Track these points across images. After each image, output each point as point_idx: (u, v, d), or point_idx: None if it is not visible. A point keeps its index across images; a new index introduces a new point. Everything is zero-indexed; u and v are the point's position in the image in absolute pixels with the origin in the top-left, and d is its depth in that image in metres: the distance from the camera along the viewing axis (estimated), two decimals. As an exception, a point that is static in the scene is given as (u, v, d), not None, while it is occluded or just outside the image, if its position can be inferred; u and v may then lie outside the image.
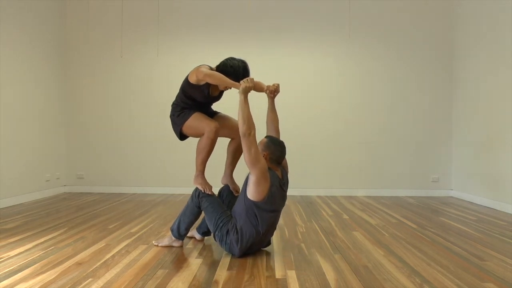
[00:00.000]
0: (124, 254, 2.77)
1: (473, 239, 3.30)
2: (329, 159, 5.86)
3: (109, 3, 5.89)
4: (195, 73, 2.86)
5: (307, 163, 5.80)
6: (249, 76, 2.87)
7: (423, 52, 5.84)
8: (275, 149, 2.73)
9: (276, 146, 2.75)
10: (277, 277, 2.36)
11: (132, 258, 2.70)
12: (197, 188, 2.93)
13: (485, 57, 5.06)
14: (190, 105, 3.00)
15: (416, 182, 5.83)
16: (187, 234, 3.06)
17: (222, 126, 3.01)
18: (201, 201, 2.86)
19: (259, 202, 2.62)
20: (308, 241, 3.20)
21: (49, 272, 2.39)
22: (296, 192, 5.72)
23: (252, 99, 2.71)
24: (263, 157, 2.64)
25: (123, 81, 5.91)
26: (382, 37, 5.86)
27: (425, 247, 3.03)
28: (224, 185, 3.16)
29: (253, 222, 2.66)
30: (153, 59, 5.86)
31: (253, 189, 2.60)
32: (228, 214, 2.79)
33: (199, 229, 3.14)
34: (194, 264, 2.59)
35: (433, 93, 5.85)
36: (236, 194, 3.06)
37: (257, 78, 2.92)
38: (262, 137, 2.82)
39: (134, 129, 5.89)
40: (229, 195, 3.07)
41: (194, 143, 3.03)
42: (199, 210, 2.90)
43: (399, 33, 5.85)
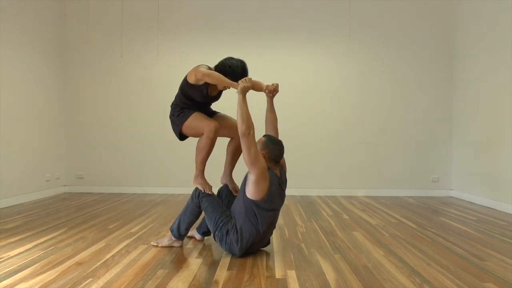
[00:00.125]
0: (124, 254, 2.78)
1: (473, 239, 3.30)
2: (329, 159, 5.86)
3: (109, 3, 5.89)
4: (193, 73, 2.86)
5: (307, 163, 5.80)
6: (247, 76, 2.87)
7: (423, 52, 5.84)
8: (273, 148, 2.74)
9: (275, 145, 2.76)
10: (277, 277, 2.36)
11: (132, 258, 2.70)
12: (197, 188, 2.93)
13: (485, 57, 5.07)
14: (189, 105, 3.01)
15: (416, 182, 5.83)
16: (187, 234, 3.06)
17: (221, 125, 3.01)
18: (201, 201, 2.86)
19: (258, 201, 2.63)
20: (308, 241, 3.21)
21: (49, 272, 2.39)
22: (296, 192, 5.72)
23: (251, 98, 2.71)
24: (261, 156, 2.64)
25: (123, 81, 5.91)
26: (382, 37, 5.86)
27: (425, 247, 3.03)
28: (223, 184, 3.16)
29: (253, 221, 2.66)
30: (153, 59, 5.86)
31: (252, 188, 2.61)
32: (228, 214, 2.79)
33: (199, 229, 3.15)
34: (194, 264, 2.59)
35: (433, 93, 5.85)
36: (235, 194, 3.06)
37: (257, 78, 2.92)
38: (260, 136, 2.82)
39: (134, 129, 5.89)
40: (229, 195, 3.07)
41: (194, 143, 3.03)
42: (199, 210, 2.90)
43: (399, 33, 5.85)
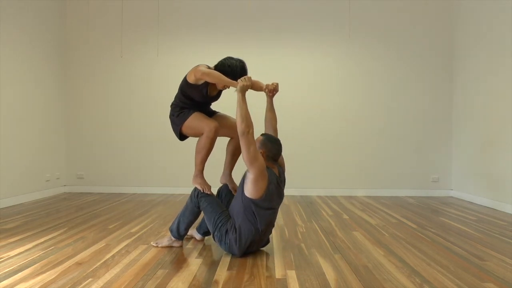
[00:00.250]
0: (124, 254, 2.77)
1: (473, 239, 3.30)
2: (329, 159, 5.86)
3: (109, 3, 5.89)
4: (193, 73, 2.86)
5: (307, 163, 5.80)
6: (246, 75, 2.86)
7: (423, 52, 5.84)
8: (271, 146, 2.74)
9: (273, 143, 2.76)
10: (277, 277, 2.36)
11: (132, 258, 2.70)
12: (196, 188, 2.92)
13: (485, 57, 5.06)
14: (189, 105, 3.00)
15: (416, 182, 5.83)
16: (187, 234, 3.06)
17: (221, 125, 3.01)
18: (200, 201, 2.85)
19: (256, 199, 2.63)
20: (308, 241, 3.20)
21: (49, 272, 2.39)
22: (296, 192, 5.72)
23: (250, 98, 2.71)
24: (260, 155, 2.65)
25: (123, 81, 5.91)
26: (382, 37, 5.86)
27: (425, 247, 3.03)
28: (223, 184, 3.16)
29: (252, 220, 2.66)
30: (153, 59, 5.86)
31: (251, 187, 2.61)
32: (227, 214, 2.79)
33: (199, 229, 3.14)
34: (194, 264, 2.59)
35: (433, 93, 5.85)
36: (235, 193, 3.06)
37: (256, 78, 2.92)
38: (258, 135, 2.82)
39: (134, 129, 5.89)
40: (228, 195, 3.07)
41: (194, 143, 3.02)
42: (199, 210, 2.89)
43: (399, 33, 5.85)
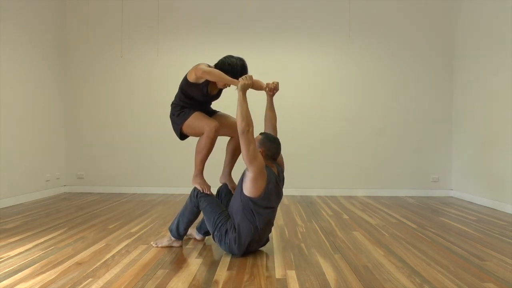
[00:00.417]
0: (124, 254, 2.77)
1: (473, 239, 3.30)
2: (329, 159, 5.86)
3: (109, 3, 5.89)
4: (193, 71, 2.85)
5: (307, 163, 5.80)
6: (247, 73, 2.86)
7: (423, 52, 5.84)
8: (270, 145, 2.74)
9: (272, 142, 2.76)
10: (277, 277, 2.36)
11: (132, 258, 2.70)
12: (195, 188, 2.92)
13: (485, 57, 5.06)
14: (190, 104, 3.00)
15: (416, 182, 5.83)
16: (186, 235, 3.06)
17: (221, 125, 3.00)
18: (199, 201, 2.85)
19: (255, 198, 2.63)
20: (308, 241, 3.20)
21: (49, 272, 2.39)
22: (296, 192, 5.72)
23: (250, 97, 2.71)
24: (260, 154, 2.65)
25: (123, 81, 5.91)
26: (382, 37, 5.86)
27: (425, 247, 3.03)
28: (222, 184, 3.16)
29: (250, 219, 2.66)
30: (153, 59, 5.86)
31: (250, 185, 2.61)
32: (227, 214, 2.78)
33: (199, 229, 3.14)
34: (194, 264, 2.59)
35: (433, 93, 5.85)
36: None
37: (257, 78, 2.92)
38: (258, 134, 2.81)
39: (134, 129, 5.89)
40: (228, 194, 3.06)
41: (194, 143, 3.02)
42: (198, 210, 2.89)
43: (399, 33, 5.85)
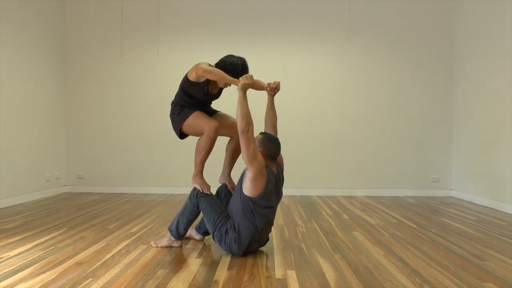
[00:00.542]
0: (124, 254, 2.77)
1: (473, 239, 3.30)
2: (329, 159, 5.86)
3: (109, 3, 5.89)
4: (194, 70, 2.85)
5: (307, 163, 5.80)
6: (247, 73, 2.86)
7: (423, 52, 5.84)
8: (270, 145, 2.74)
9: (272, 142, 2.76)
10: (277, 277, 2.36)
11: (132, 258, 2.70)
12: (195, 188, 2.91)
13: (485, 57, 5.06)
14: (190, 103, 2.99)
15: (416, 182, 5.83)
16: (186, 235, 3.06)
17: (221, 124, 3.00)
18: (199, 201, 2.85)
19: (255, 198, 2.63)
20: (308, 241, 3.20)
21: (49, 272, 2.39)
22: (296, 192, 5.73)
23: (250, 96, 2.71)
24: (260, 153, 2.65)
25: (123, 81, 5.91)
26: (382, 37, 5.86)
27: (425, 247, 3.03)
28: (222, 184, 3.15)
29: (250, 218, 2.66)
30: (153, 59, 5.86)
31: (249, 185, 2.61)
32: (227, 214, 2.78)
33: (199, 229, 3.14)
34: (194, 264, 2.59)
35: (433, 93, 5.85)
36: None
37: (257, 78, 2.92)
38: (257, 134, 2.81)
39: (134, 129, 5.89)
40: (228, 194, 3.06)
41: (194, 143, 3.02)
42: (198, 210, 2.89)
43: (399, 33, 5.85)
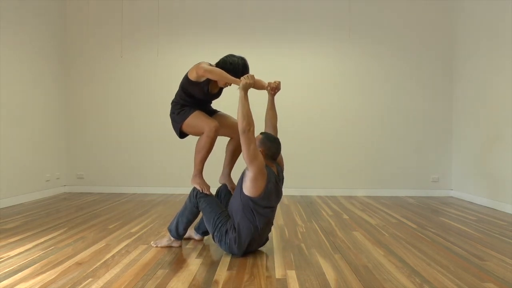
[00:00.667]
0: (124, 254, 2.77)
1: (473, 239, 3.30)
2: (329, 159, 5.86)
3: (109, 3, 5.89)
4: (195, 70, 2.84)
5: (307, 163, 5.80)
6: (248, 72, 2.85)
7: (423, 52, 5.84)
8: (270, 145, 2.74)
9: (272, 142, 2.76)
10: (277, 277, 2.36)
11: (132, 258, 2.70)
12: (195, 188, 2.91)
13: (485, 57, 5.06)
14: (190, 103, 2.99)
15: (416, 182, 5.83)
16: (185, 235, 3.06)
17: (221, 125, 3.00)
18: (199, 201, 2.85)
19: (255, 198, 2.63)
20: (308, 241, 3.20)
21: (49, 272, 2.39)
22: (296, 192, 5.73)
23: (251, 96, 2.71)
24: (260, 153, 2.65)
25: (123, 81, 5.91)
26: (382, 37, 5.85)
27: (425, 247, 3.03)
28: (221, 184, 3.15)
29: (250, 218, 2.66)
30: (153, 59, 5.86)
31: (250, 185, 2.61)
32: (227, 214, 2.78)
33: (198, 229, 3.14)
34: (194, 264, 2.59)
35: (433, 93, 5.85)
36: None
37: (257, 78, 2.92)
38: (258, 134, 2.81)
39: (134, 129, 5.89)
40: (227, 195, 3.06)
41: (194, 143, 3.01)
42: (198, 210, 2.89)
43: (399, 33, 5.85)
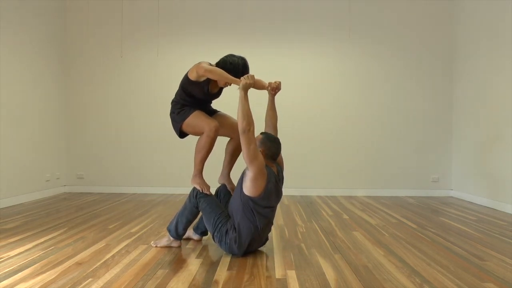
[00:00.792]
0: (124, 254, 2.77)
1: (473, 239, 3.30)
2: (329, 159, 5.85)
3: (109, 3, 5.89)
4: (195, 69, 2.84)
5: (307, 163, 5.80)
6: (248, 73, 2.86)
7: (423, 52, 5.84)
8: (271, 145, 2.74)
9: (272, 142, 2.76)
10: (277, 277, 2.36)
11: (132, 258, 2.70)
12: (195, 188, 2.91)
13: (485, 57, 5.06)
14: (190, 103, 2.99)
15: (416, 182, 5.83)
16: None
17: (221, 125, 3.00)
18: (199, 201, 2.85)
19: (255, 197, 2.63)
20: (308, 241, 3.20)
21: (49, 272, 2.39)
22: (296, 192, 5.73)
23: (251, 96, 2.71)
24: (260, 153, 2.65)
25: (123, 81, 5.91)
26: (382, 37, 5.85)
27: (425, 247, 3.03)
28: (221, 184, 3.15)
29: (250, 218, 2.66)
30: (153, 59, 5.86)
31: (250, 184, 2.61)
32: (227, 214, 2.79)
33: (196, 230, 3.14)
34: (194, 264, 2.59)
35: (433, 93, 5.85)
36: None
37: (257, 78, 2.91)
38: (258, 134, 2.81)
39: (134, 129, 5.89)
40: (227, 195, 3.06)
41: (194, 143, 3.01)
42: (197, 210, 2.89)
43: (399, 33, 5.85)
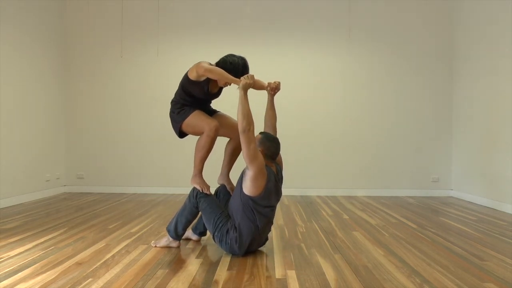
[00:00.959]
0: (124, 254, 2.78)
1: (473, 239, 3.30)
2: (329, 159, 5.85)
3: (109, 3, 5.89)
4: (195, 69, 2.84)
5: (307, 163, 5.80)
6: (248, 72, 2.86)
7: (423, 52, 5.84)
8: (270, 145, 2.75)
9: (271, 142, 2.76)
10: (277, 277, 2.36)
11: (132, 258, 2.70)
12: (194, 188, 2.91)
13: (485, 57, 5.06)
14: (190, 102, 2.99)
15: (416, 182, 5.83)
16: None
17: (221, 125, 2.99)
18: (199, 201, 2.85)
19: (255, 197, 2.64)
20: (308, 241, 3.21)
21: (49, 272, 2.39)
22: (296, 192, 5.72)
23: (250, 96, 2.71)
24: (260, 153, 2.65)
25: (123, 81, 5.91)
26: (382, 37, 5.85)
27: (425, 247, 3.03)
28: (220, 184, 3.15)
29: (251, 217, 2.67)
30: (153, 59, 5.86)
31: (250, 184, 2.62)
32: (227, 214, 2.79)
33: (195, 230, 3.14)
34: (194, 264, 2.59)
35: (433, 93, 5.85)
36: None
37: (256, 78, 2.92)
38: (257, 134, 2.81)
39: (134, 129, 5.89)
40: (226, 195, 3.06)
41: (194, 143, 3.01)
42: (197, 210, 2.89)
43: (399, 33, 5.85)
